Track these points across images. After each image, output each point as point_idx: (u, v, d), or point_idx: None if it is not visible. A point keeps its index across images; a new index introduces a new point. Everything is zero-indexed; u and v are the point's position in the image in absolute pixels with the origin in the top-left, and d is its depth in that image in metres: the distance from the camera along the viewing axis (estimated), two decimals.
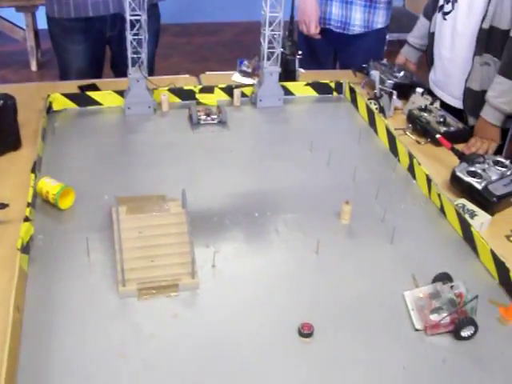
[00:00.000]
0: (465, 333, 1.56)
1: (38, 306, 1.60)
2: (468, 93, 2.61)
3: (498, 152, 2.56)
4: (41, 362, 1.44)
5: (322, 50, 3.51)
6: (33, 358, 1.45)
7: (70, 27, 3.12)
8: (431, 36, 2.82)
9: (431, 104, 2.63)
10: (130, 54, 2.46)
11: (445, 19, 2.66)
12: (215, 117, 2.55)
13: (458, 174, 2.14)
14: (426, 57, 2.93)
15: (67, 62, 3.27)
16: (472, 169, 2.13)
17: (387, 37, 3.69)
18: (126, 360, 1.46)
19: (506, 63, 2.40)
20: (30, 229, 1.80)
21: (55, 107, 2.59)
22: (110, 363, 1.45)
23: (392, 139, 2.43)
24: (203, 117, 2.53)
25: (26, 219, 1.80)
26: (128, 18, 2.36)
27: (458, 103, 2.71)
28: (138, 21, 2.38)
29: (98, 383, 1.40)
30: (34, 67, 5.98)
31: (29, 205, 1.87)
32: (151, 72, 3.31)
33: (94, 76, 3.16)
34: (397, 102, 2.73)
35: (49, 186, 1.95)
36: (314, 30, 3.29)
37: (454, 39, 2.63)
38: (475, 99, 2.51)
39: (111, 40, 3.25)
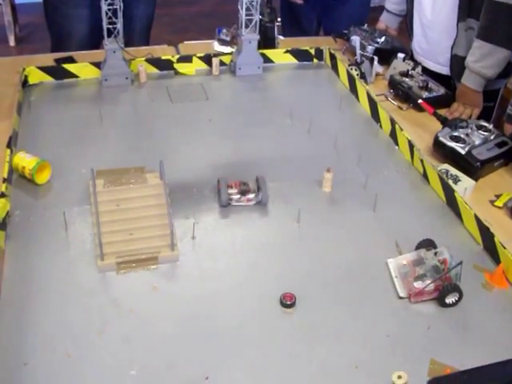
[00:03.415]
0: (449, 299, 1.54)
1: (16, 282, 1.57)
2: (455, 60, 2.56)
3: (487, 114, 2.53)
4: (19, 338, 1.42)
5: (305, 17, 3.46)
6: (11, 335, 1.43)
7: None
8: (410, 3, 2.78)
9: (413, 69, 2.60)
10: (105, 25, 2.41)
11: None
12: (252, 196, 1.90)
13: (441, 138, 2.11)
14: (406, 24, 2.89)
15: (66, 30, 3.11)
16: (455, 134, 2.11)
17: None
18: (105, 335, 1.44)
19: (484, 26, 2.35)
20: (6, 205, 1.77)
21: (31, 81, 2.54)
22: (90, 338, 1.43)
23: (373, 105, 2.40)
24: (236, 196, 1.89)
25: (2, 195, 1.77)
26: None
27: (444, 69, 2.67)
28: None
29: (78, 358, 1.38)
30: (12, 42, 5.88)
31: (5, 180, 1.84)
32: (147, 41, 3.26)
33: (93, 46, 3.02)
34: (378, 67, 2.69)
35: (24, 160, 1.91)
36: None
37: (435, 7, 2.59)
38: (462, 65, 2.46)
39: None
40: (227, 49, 2.88)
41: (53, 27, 3.19)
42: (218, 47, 2.91)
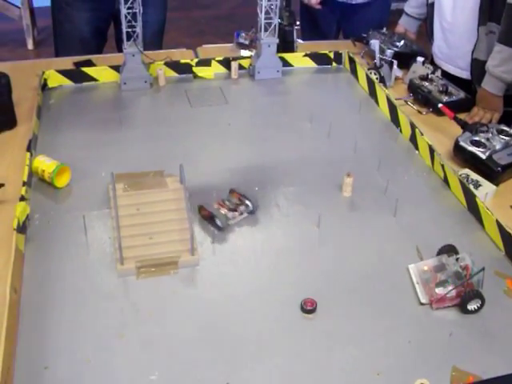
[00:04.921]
0: (471, 306, 1.53)
1: (35, 286, 1.57)
2: (475, 64, 2.54)
3: (508, 119, 2.51)
4: (39, 343, 1.42)
5: (325, 21, 3.44)
6: (30, 340, 1.42)
7: None
8: (430, 7, 2.76)
9: (432, 73, 2.58)
10: (124, 28, 2.41)
11: None
12: (243, 208, 1.85)
13: (462, 143, 2.10)
14: (426, 28, 2.87)
15: (69, 31, 3.11)
16: (476, 138, 2.09)
17: None
18: (124, 340, 1.43)
19: (504, 31, 2.33)
20: (26, 208, 1.77)
21: (50, 84, 2.55)
22: (109, 343, 1.43)
23: (393, 109, 2.39)
24: (230, 214, 1.83)
25: (22, 198, 1.77)
26: None
27: (464, 74, 2.65)
28: None
29: (97, 364, 1.38)
30: (30, 46, 5.91)
31: (24, 184, 1.84)
32: (159, 47, 3.25)
33: (96, 48, 3.08)
34: (397, 71, 2.68)
35: (44, 164, 1.91)
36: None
37: (456, 11, 2.57)
38: (483, 69, 2.45)
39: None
40: (246, 52, 2.87)
41: (57, 28, 3.19)
42: (242, 52, 2.90)
